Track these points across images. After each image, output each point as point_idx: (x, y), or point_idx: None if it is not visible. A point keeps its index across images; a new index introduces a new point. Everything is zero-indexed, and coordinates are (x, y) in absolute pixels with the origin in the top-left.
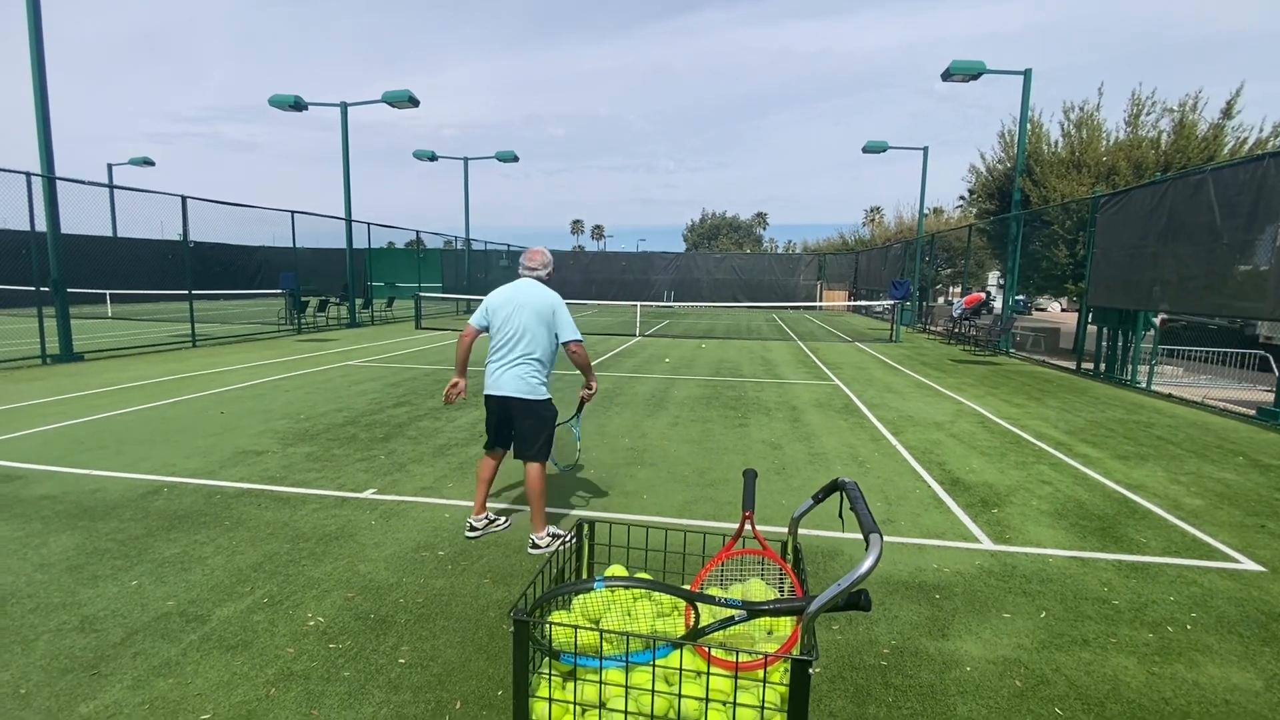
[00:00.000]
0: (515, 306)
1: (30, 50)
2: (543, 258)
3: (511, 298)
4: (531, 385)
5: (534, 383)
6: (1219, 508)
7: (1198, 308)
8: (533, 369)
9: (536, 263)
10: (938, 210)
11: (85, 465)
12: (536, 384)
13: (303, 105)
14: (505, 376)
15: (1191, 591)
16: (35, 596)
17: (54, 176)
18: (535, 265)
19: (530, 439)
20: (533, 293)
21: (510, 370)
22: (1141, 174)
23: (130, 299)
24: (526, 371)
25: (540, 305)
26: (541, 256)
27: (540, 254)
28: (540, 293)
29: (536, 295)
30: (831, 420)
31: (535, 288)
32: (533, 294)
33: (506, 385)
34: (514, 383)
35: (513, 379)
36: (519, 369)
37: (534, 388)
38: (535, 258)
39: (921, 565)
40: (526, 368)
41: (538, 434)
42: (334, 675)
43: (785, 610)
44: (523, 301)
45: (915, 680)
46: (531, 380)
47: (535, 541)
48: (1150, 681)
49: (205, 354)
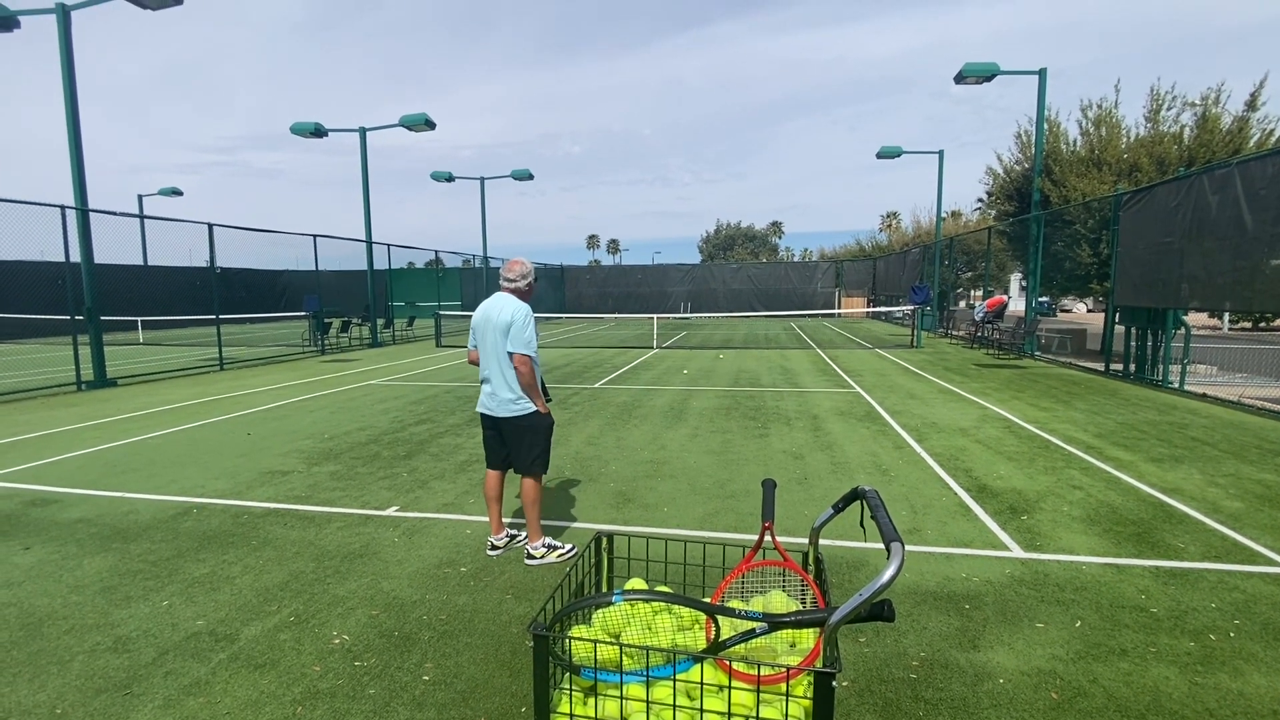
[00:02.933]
0: (486, 323)
1: (63, 88)
2: (521, 268)
3: (485, 315)
4: (512, 399)
5: (514, 397)
6: (1260, 510)
7: (1228, 304)
8: (509, 384)
9: (515, 273)
10: (956, 213)
11: (118, 488)
12: (516, 399)
13: (323, 132)
14: (490, 392)
15: (1234, 598)
16: (70, 618)
17: (87, 209)
18: (513, 276)
19: (524, 453)
20: (500, 306)
21: (489, 388)
22: (1165, 170)
23: (161, 325)
24: (503, 387)
25: (501, 320)
26: (520, 267)
27: (519, 264)
28: (506, 306)
29: (502, 309)
30: (853, 428)
31: (504, 302)
32: (500, 308)
33: (490, 403)
34: (495, 402)
35: (495, 395)
36: (498, 386)
37: (514, 404)
38: (513, 268)
39: (950, 575)
40: (502, 384)
41: (531, 447)
42: (359, 693)
43: (807, 622)
44: (491, 316)
45: (946, 693)
46: (511, 394)
47: (530, 552)
48: (1193, 692)
49: (232, 377)
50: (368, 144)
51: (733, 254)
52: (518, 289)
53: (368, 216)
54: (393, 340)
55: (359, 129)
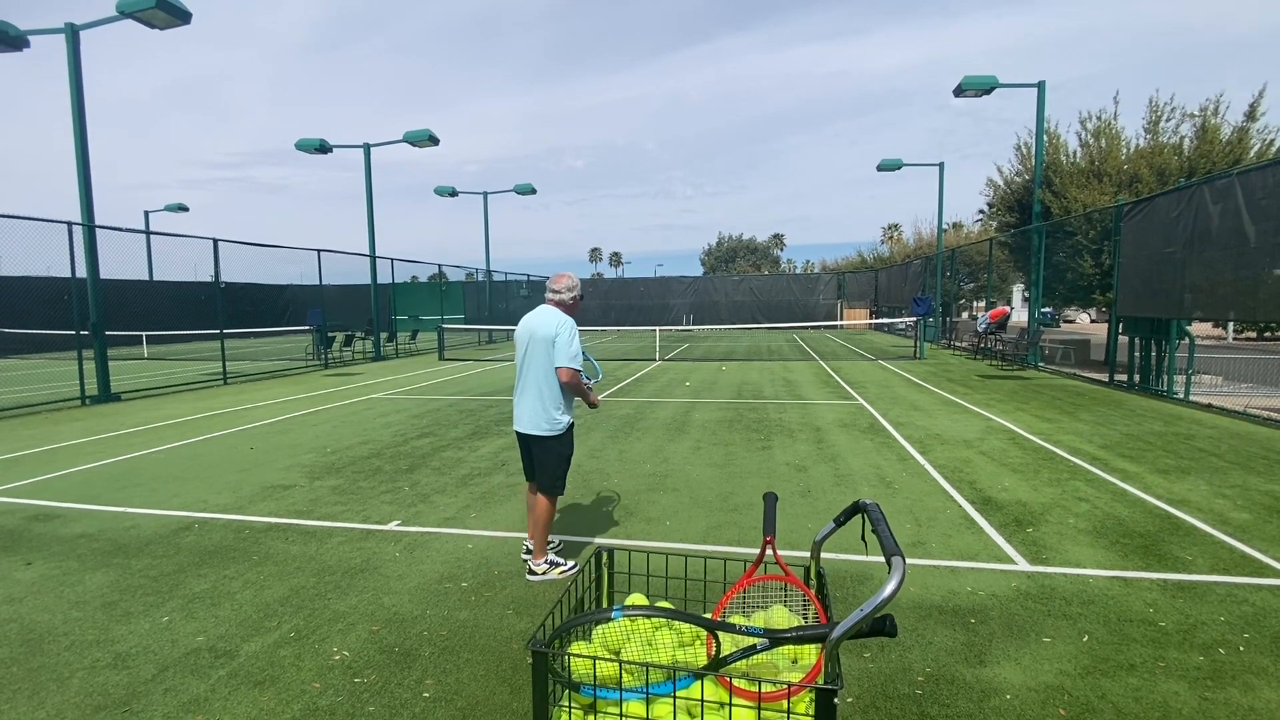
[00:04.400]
0: (529, 335)
1: (71, 105)
2: (567, 281)
3: (527, 326)
4: (541, 420)
5: (544, 418)
6: (1268, 521)
7: (1231, 314)
8: (543, 401)
9: (561, 286)
10: (957, 225)
11: (120, 503)
12: (547, 418)
13: (328, 148)
14: (520, 410)
15: (1243, 611)
16: (70, 634)
17: (94, 225)
18: (559, 289)
19: (542, 469)
20: (544, 319)
21: (523, 403)
22: (1165, 180)
23: (165, 339)
24: (537, 403)
25: (545, 331)
26: (566, 280)
27: (565, 277)
28: (550, 318)
29: (545, 321)
30: (857, 440)
31: (547, 314)
32: (543, 320)
33: (522, 419)
34: (528, 418)
35: (526, 414)
36: (531, 402)
37: (544, 422)
38: (560, 281)
39: (955, 588)
40: (537, 400)
41: (548, 467)
42: (359, 710)
43: (808, 638)
44: (534, 329)
45: (952, 710)
46: (540, 416)
47: (532, 568)
48: (1203, 707)
49: (236, 391)
50: (372, 160)
51: (735, 266)
52: (562, 302)
53: (371, 231)
54: (396, 354)
55: (363, 145)
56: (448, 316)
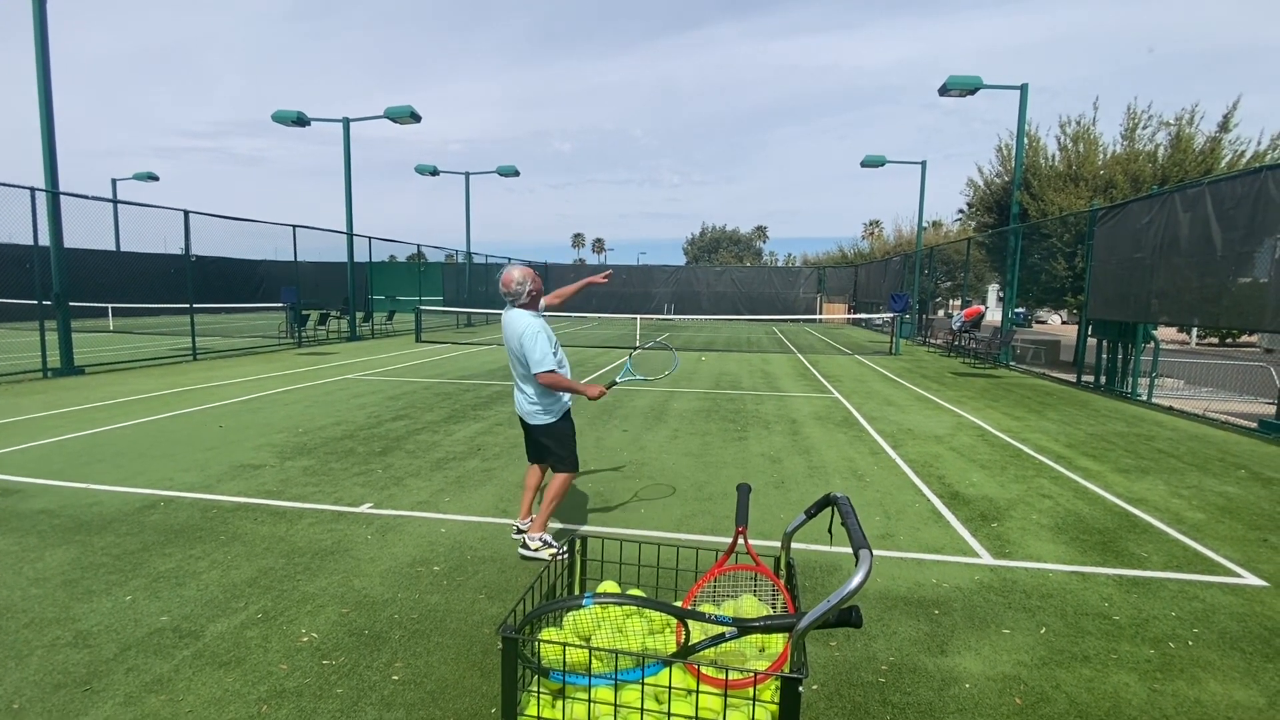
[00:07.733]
0: (508, 341)
1: (36, 66)
2: (517, 276)
3: (505, 331)
4: (532, 410)
5: (534, 408)
6: (1221, 521)
7: (1196, 320)
8: (530, 395)
9: (510, 289)
10: (937, 223)
11: (83, 479)
12: (537, 409)
13: (305, 121)
14: (518, 399)
15: (1193, 607)
16: (30, 611)
17: (58, 191)
18: (511, 291)
19: (549, 453)
20: (511, 324)
21: (518, 394)
22: (1139, 187)
23: (132, 313)
24: (526, 397)
25: (512, 337)
26: (516, 275)
27: (508, 276)
28: (515, 323)
29: (512, 326)
30: (831, 433)
31: (513, 318)
32: (511, 325)
33: (521, 407)
34: (522, 405)
35: (521, 402)
36: (521, 394)
37: (535, 412)
38: (509, 283)
39: (920, 580)
40: (524, 393)
41: (556, 448)
42: (327, 692)
43: (776, 627)
44: (508, 335)
45: (914, 698)
46: (531, 406)
47: (526, 542)
48: (1152, 699)
49: (205, 367)
50: (352, 135)
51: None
52: (521, 304)
53: (349, 208)
54: (372, 334)
55: (343, 119)
56: (426, 298)
